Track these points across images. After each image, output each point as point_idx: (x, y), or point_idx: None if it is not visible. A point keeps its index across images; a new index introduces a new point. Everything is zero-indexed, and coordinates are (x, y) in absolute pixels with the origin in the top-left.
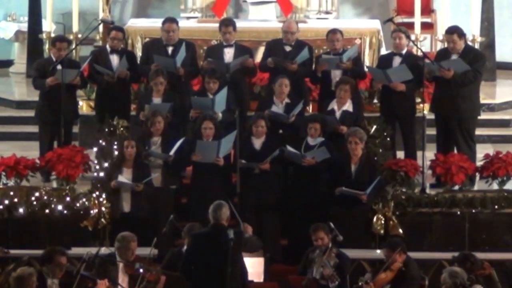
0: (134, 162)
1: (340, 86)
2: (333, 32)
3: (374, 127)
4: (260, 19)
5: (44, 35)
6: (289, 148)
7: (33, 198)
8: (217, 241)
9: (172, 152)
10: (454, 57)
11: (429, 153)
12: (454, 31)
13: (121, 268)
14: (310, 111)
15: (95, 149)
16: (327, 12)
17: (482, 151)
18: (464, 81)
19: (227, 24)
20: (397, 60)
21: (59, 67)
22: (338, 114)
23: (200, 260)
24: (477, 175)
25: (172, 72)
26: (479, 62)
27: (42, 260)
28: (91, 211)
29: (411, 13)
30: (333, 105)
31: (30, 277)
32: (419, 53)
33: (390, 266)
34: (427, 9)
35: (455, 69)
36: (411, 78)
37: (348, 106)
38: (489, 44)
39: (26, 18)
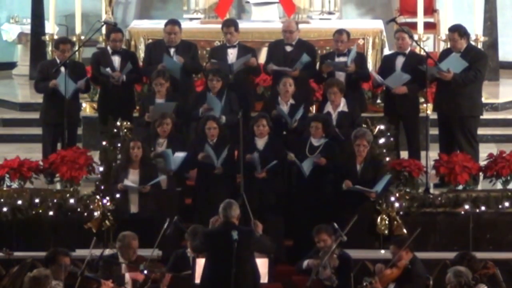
0: (141, 163)
1: (328, 90)
2: (339, 32)
3: (378, 127)
4: (263, 20)
5: (47, 37)
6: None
7: (37, 200)
8: (227, 239)
9: (173, 168)
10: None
11: (433, 153)
12: (456, 30)
13: (124, 268)
14: (314, 112)
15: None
16: (330, 13)
17: (486, 150)
18: (464, 80)
19: (229, 24)
20: (400, 60)
21: (62, 69)
22: (334, 116)
23: (210, 257)
24: (481, 175)
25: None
26: (480, 61)
27: (46, 261)
28: (95, 213)
29: (414, 13)
30: (328, 107)
31: (46, 279)
32: (422, 53)
33: (396, 263)
34: (430, 9)
35: (454, 67)
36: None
37: (343, 107)
38: (492, 44)
39: (29, 20)
